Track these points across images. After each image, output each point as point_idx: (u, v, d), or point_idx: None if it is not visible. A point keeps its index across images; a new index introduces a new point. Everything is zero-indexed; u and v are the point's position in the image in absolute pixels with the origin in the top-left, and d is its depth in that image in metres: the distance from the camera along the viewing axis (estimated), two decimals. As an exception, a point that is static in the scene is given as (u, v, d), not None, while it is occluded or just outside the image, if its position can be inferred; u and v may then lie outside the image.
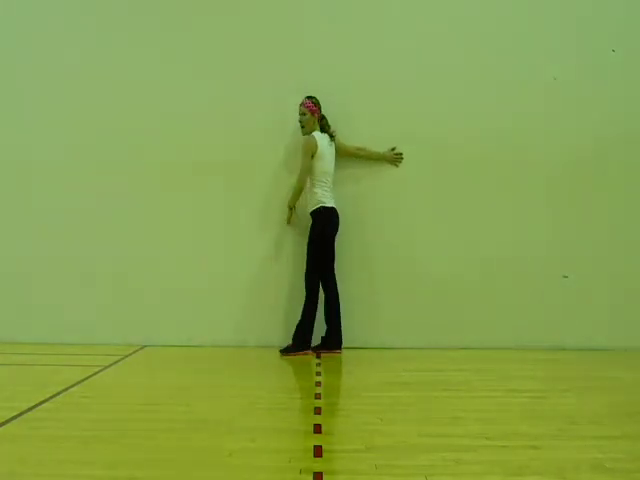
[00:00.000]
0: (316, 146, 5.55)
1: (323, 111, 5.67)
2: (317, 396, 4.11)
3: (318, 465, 2.81)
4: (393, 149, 5.90)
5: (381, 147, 5.89)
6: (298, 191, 5.64)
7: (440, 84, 5.90)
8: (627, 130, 5.89)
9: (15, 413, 3.57)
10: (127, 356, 5.42)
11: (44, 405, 3.80)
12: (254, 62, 5.92)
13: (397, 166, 5.91)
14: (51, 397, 3.97)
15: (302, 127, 5.65)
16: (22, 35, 6.06)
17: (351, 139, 5.83)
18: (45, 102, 6.04)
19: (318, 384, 4.48)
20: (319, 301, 5.60)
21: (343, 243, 5.73)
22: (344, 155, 5.79)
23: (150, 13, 6.03)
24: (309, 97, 5.63)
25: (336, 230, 5.64)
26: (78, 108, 6.00)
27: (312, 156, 5.55)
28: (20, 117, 6.07)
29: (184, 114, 5.93)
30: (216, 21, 5.97)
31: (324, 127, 5.68)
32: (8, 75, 6.09)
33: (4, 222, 6.04)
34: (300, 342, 5.52)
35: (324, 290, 5.62)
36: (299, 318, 5.55)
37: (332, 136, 5.70)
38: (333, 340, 5.60)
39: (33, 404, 3.78)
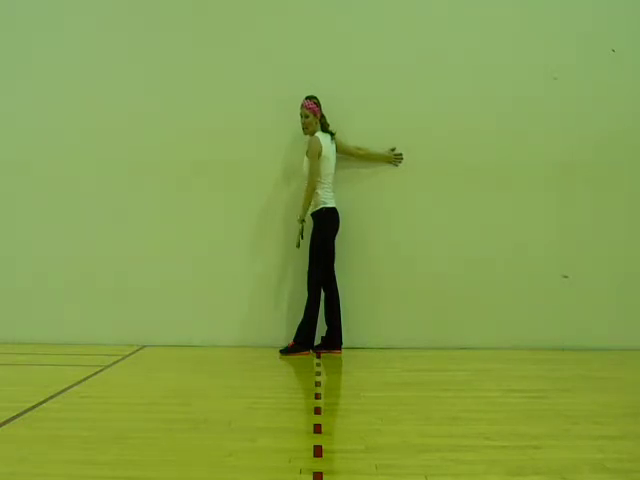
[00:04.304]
0: (322, 147, 5.54)
1: (323, 111, 5.66)
2: (317, 396, 4.12)
3: (318, 465, 2.81)
4: (393, 149, 5.90)
5: (381, 147, 5.89)
6: (309, 197, 5.52)
7: (440, 84, 5.88)
8: (627, 130, 5.88)
9: (15, 413, 3.57)
10: (127, 356, 5.42)
11: (44, 405, 3.80)
12: (254, 62, 5.92)
13: (397, 166, 5.91)
14: (51, 397, 3.98)
15: (305, 128, 5.63)
16: (22, 35, 6.05)
17: (351, 139, 5.83)
18: (45, 101, 6.03)
19: (318, 384, 4.48)
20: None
21: (343, 243, 5.73)
22: (343, 154, 5.78)
23: (150, 13, 6.02)
24: (309, 97, 5.61)
25: (337, 230, 5.64)
26: (77, 107, 5.99)
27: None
28: (20, 117, 6.05)
29: (184, 114, 5.93)
30: (216, 21, 5.97)
31: (324, 126, 5.67)
32: (8, 75, 6.09)
33: (3, 222, 6.04)
34: (303, 341, 5.52)
35: (324, 290, 5.61)
36: (301, 318, 5.55)
37: (332, 135, 5.69)
38: (333, 340, 5.59)
39: (33, 404, 3.78)
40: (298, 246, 5.60)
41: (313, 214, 5.60)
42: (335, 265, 5.66)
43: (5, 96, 6.09)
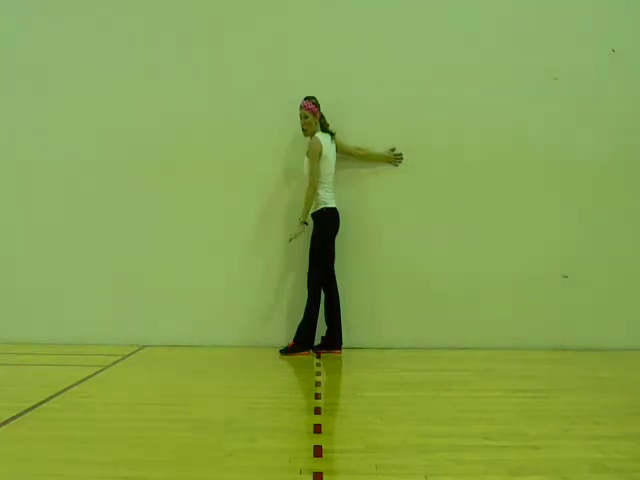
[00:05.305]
0: (322, 147, 5.54)
1: (323, 111, 5.66)
2: (317, 396, 4.12)
3: (318, 465, 2.82)
4: (393, 149, 5.90)
5: (381, 147, 5.88)
6: (311, 198, 5.52)
7: (440, 84, 5.87)
8: (627, 130, 5.88)
9: (15, 413, 3.57)
10: (127, 356, 5.42)
11: (44, 405, 3.80)
12: (254, 62, 5.91)
13: (397, 166, 5.91)
14: (51, 397, 3.98)
15: (304, 129, 5.61)
16: (21, 34, 6.06)
17: (351, 139, 5.82)
18: (45, 101, 6.03)
19: (318, 384, 4.48)
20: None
21: (343, 243, 5.73)
22: (343, 154, 5.78)
23: (151, 15, 6.01)
24: (308, 98, 5.60)
25: (337, 231, 5.64)
26: (78, 108, 5.99)
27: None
28: (19, 116, 6.05)
29: (185, 114, 5.92)
30: (216, 22, 5.96)
31: (324, 126, 5.67)
32: (7, 75, 6.10)
33: (4, 222, 6.04)
34: (303, 341, 5.52)
35: (324, 290, 5.61)
36: (301, 318, 5.55)
37: (332, 135, 5.69)
38: (333, 340, 5.59)
39: (33, 404, 3.78)
40: (290, 241, 5.58)
41: (314, 214, 5.60)
42: (335, 265, 5.66)
43: (5, 96, 6.09)
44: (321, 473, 2.71)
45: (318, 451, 2.99)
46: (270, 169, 5.91)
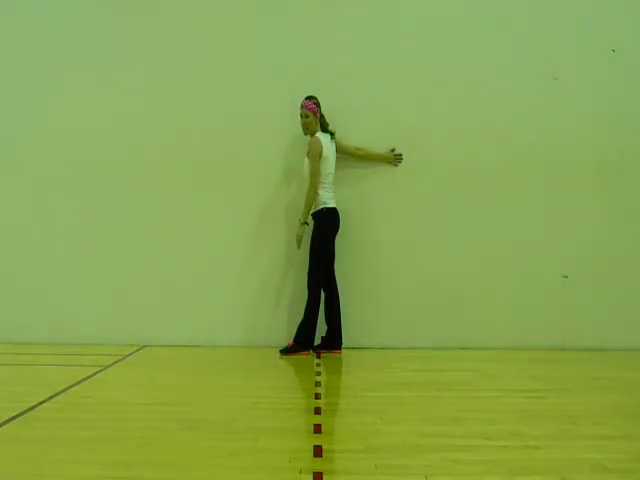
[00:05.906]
0: (322, 148, 5.53)
1: (323, 111, 5.65)
2: (317, 396, 4.12)
3: (318, 465, 2.81)
4: (393, 150, 5.90)
5: (381, 148, 5.88)
6: (312, 198, 5.53)
7: (440, 84, 5.88)
8: (627, 130, 5.89)
9: (15, 413, 3.57)
10: (127, 356, 5.42)
11: (44, 405, 3.80)
12: (254, 62, 5.92)
13: (396, 166, 5.91)
14: (51, 397, 3.97)
15: (305, 129, 5.62)
16: (21, 34, 6.06)
17: (351, 139, 5.82)
18: (45, 101, 6.03)
19: (318, 384, 4.48)
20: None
21: (343, 243, 5.73)
22: (343, 154, 5.78)
23: (150, 13, 6.02)
24: (309, 97, 5.60)
25: (337, 231, 5.64)
26: (77, 108, 5.99)
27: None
28: (19, 116, 6.06)
29: (185, 114, 5.93)
30: (217, 21, 5.97)
31: (324, 126, 5.67)
32: (6, 75, 6.10)
33: (4, 222, 6.04)
34: (303, 341, 5.52)
35: (324, 290, 5.61)
36: (301, 318, 5.55)
37: (332, 134, 5.69)
38: (333, 340, 5.60)
39: (33, 404, 3.78)
40: (299, 247, 5.59)
41: (314, 214, 5.60)
42: (335, 265, 5.65)
43: (4, 96, 6.09)
44: (321, 473, 2.71)
45: (318, 451, 2.99)
46: (270, 169, 5.91)
